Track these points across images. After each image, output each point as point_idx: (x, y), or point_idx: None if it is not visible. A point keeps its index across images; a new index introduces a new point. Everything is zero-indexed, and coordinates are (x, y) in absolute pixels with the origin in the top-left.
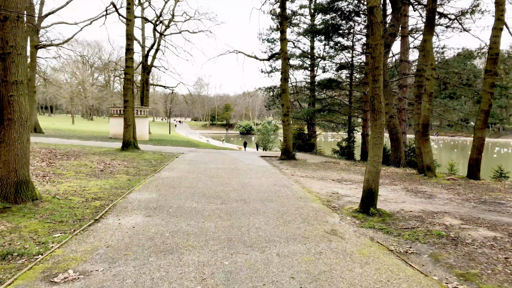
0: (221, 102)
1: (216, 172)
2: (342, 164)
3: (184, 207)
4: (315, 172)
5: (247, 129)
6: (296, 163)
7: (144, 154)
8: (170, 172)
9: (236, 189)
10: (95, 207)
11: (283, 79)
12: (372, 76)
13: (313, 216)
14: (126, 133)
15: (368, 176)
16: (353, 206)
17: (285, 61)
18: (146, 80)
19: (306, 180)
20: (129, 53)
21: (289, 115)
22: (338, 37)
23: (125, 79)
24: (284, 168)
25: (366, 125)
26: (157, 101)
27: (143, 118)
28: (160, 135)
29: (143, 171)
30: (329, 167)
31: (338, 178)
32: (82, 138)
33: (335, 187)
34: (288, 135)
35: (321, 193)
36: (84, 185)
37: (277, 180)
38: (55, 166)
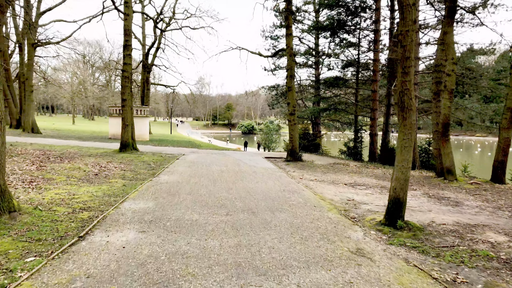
0: (222, 101)
1: (219, 176)
2: (352, 166)
3: (184, 219)
4: (325, 175)
5: (249, 128)
6: (303, 165)
7: (143, 156)
8: (169, 176)
9: (241, 196)
10: (82, 219)
11: (289, 76)
12: (402, 68)
13: (332, 230)
14: (124, 134)
15: (395, 184)
16: (375, 216)
17: (291, 57)
18: (146, 79)
19: (317, 185)
20: (127, 50)
21: (296, 114)
22: (344, 33)
23: (122, 77)
24: (291, 171)
25: (374, 124)
26: (158, 100)
27: (143, 117)
28: (161, 135)
29: (140, 175)
30: (339, 169)
31: (351, 182)
32: (80, 139)
33: (349, 192)
34: (294, 135)
35: (335, 200)
36: (74, 192)
37: (286, 185)
38: (46, 170)
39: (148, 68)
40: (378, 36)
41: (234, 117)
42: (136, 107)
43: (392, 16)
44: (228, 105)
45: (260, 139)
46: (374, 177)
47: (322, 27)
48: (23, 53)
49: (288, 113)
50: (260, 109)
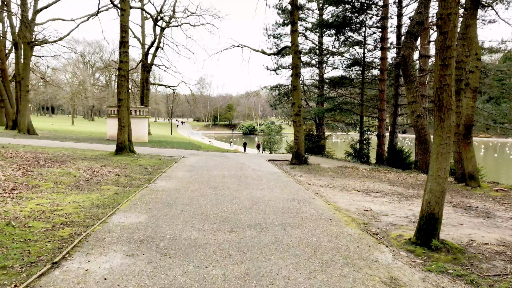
0: (223, 102)
1: (221, 182)
2: (362, 169)
3: (181, 238)
4: (334, 180)
5: (250, 129)
6: (310, 169)
7: (140, 159)
8: (167, 182)
9: (247, 207)
10: (61, 238)
11: (294, 75)
12: (441, 59)
13: (355, 251)
14: (120, 135)
15: (429, 197)
16: (401, 232)
17: (296, 54)
18: (146, 79)
19: (327, 192)
20: (123, 47)
21: (301, 114)
22: (349, 31)
23: (119, 75)
24: (297, 175)
25: (382, 125)
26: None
27: (142, 118)
28: (161, 136)
29: (135, 181)
30: (349, 173)
31: (364, 188)
32: (77, 140)
33: (364, 200)
34: (300, 137)
35: (351, 211)
36: (59, 201)
37: (294, 193)
38: (32, 176)
39: (148, 68)
40: (385, 34)
41: (235, 117)
42: (135, 108)
43: (400, 13)
44: (229, 105)
45: (262, 140)
46: (388, 183)
47: (327, 24)
48: (19, 52)
49: (293, 113)
50: (261, 110)
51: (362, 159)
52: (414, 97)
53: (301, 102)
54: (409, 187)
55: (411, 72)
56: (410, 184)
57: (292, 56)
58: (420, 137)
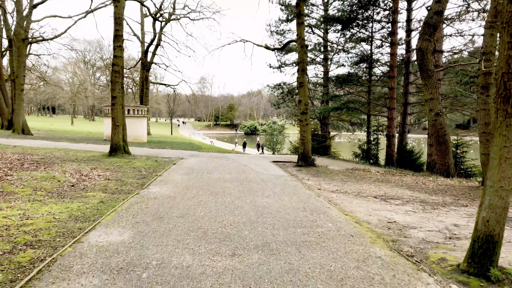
0: (225, 102)
1: (222, 187)
2: (374, 172)
3: (170, 266)
4: (346, 185)
5: (252, 129)
6: (318, 171)
7: (135, 161)
8: (161, 187)
9: (252, 219)
10: (19, 266)
11: (301, 70)
12: (510, 36)
13: (392, 283)
14: (114, 135)
15: (488, 215)
16: (441, 253)
17: (303, 49)
18: (145, 78)
19: (341, 198)
20: (117, 40)
21: (308, 113)
22: (355, 26)
23: (112, 71)
24: (305, 178)
25: (392, 125)
26: (159, 101)
27: (140, 118)
28: (160, 136)
29: (126, 186)
30: (361, 176)
31: (380, 194)
32: (72, 140)
33: (385, 209)
34: (306, 137)
35: (373, 223)
36: (31, 213)
37: (305, 200)
38: (9, 181)
39: (147, 66)
40: (395, 28)
41: (236, 117)
42: (133, 107)
43: (410, 7)
44: (230, 105)
45: (264, 140)
46: (406, 187)
47: (334, 18)
48: (13, 49)
49: (299, 112)
50: (263, 110)
51: (371, 160)
52: (432, 94)
53: (308, 100)
54: (431, 192)
55: (429, 66)
56: (432, 189)
57: (298, 51)
58: (439, 137)
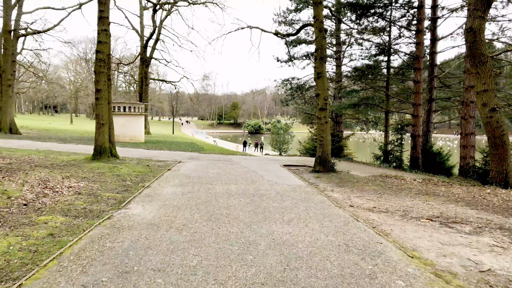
0: (228, 100)
1: (226, 207)
2: (409, 180)
3: None
4: (382, 198)
5: (256, 128)
6: (341, 179)
7: (122, 166)
8: (145, 206)
9: (275, 276)
10: None
11: (319, 58)
12: None
13: None
14: (98, 136)
15: None
16: None
17: (321, 33)
18: (145, 74)
19: (386, 221)
20: (102, 23)
21: (328, 109)
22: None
23: (96, 59)
24: (328, 189)
25: (418, 123)
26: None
27: (137, 116)
28: (161, 135)
29: (99, 205)
30: (396, 186)
31: (434, 213)
32: (62, 141)
33: (457, 243)
34: (325, 137)
35: (459, 274)
36: None
37: (341, 227)
38: None
39: (147, 62)
40: (422, 13)
41: (240, 116)
42: (129, 104)
43: None
44: (234, 104)
45: (270, 140)
46: (465, 204)
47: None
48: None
49: (318, 108)
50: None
51: (395, 163)
52: (486, 85)
53: (328, 93)
54: (503, 212)
55: (482, 50)
56: (500, 207)
57: (316, 36)
58: (495, 138)
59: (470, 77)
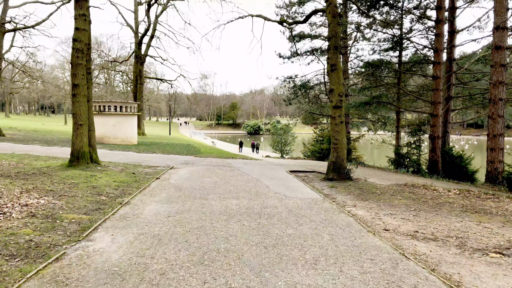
0: (227, 101)
1: (225, 236)
2: (442, 190)
3: None
4: (420, 218)
5: (255, 129)
6: (361, 189)
7: (102, 175)
8: (115, 237)
9: None
10: None
11: (333, 48)
12: None
13: None
14: (76, 139)
15: None
16: None
17: (335, 19)
18: (139, 72)
19: (443, 257)
20: (78, 7)
21: (343, 106)
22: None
23: (73, 49)
24: (349, 204)
25: (437, 123)
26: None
27: (129, 116)
28: (157, 136)
29: (52, 235)
30: (434, 201)
31: (502, 243)
32: (46, 143)
33: None
34: (340, 139)
35: None
36: None
37: (398, 280)
38: None
39: (142, 59)
40: (442, 1)
41: (239, 116)
42: (121, 103)
43: None
44: (232, 104)
45: (271, 141)
46: None
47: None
48: None
49: (331, 105)
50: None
51: (412, 168)
52: None
53: (343, 88)
54: None
55: None
56: None
57: (329, 22)
58: None
59: (499, 71)
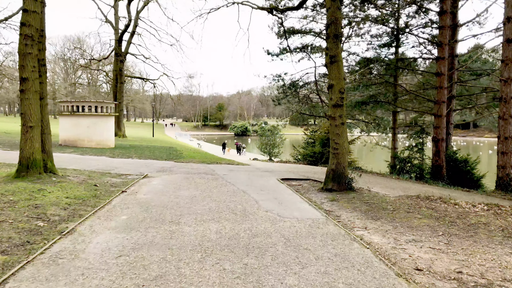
0: (214, 102)
1: None
2: (465, 205)
3: None
4: (454, 246)
5: (242, 130)
6: (368, 203)
7: (53, 188)
8: None
9: None
10: None
11: (332, 36)
12: None
13: None
14: (25, 144)
15: None
16: None
17: (335, 3)
18: (119, 71)
19: None
20: None
21: (344, 105)
22: None
23: (21, 35)
24: (358, 226)
25: (441, 124)
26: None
27: (106, 117)
28: (138, 138)
29: None
30: (462, 220)
31: None
32: (10, 147)
33: None
34: (341, 144)
35: None
36: None
37: None
38: None
39: (122, 57)
40: None
41: (226, 117)
42: (96, 103)
43: None
44: (219, 105)
45: (259, 143)
46: None
47: None
48: None
49: (331, 104)
50: (254, 110)
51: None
52: None
53: (344, 84)
54: None
55: None
56: None
57: (327, 6)
58: None
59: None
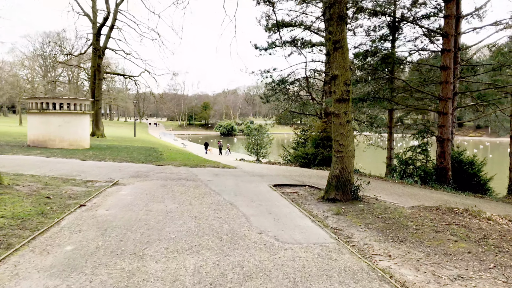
0: (199, 100)
1: None
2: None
3: None
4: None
5: (228, 129)
6: (382, 219)
7: None
8: None
9: None
10: None
11: (337, 18)
12: None
13: None
14: None
15: None
16: None
17: None
18: (98, 67)
19: None
20: None
21: (350, 99)
22: None
23: None
24: (379, 253)
25: (446, 123)
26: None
27: (80, 115)
28: (118, 138)
29: None
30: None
31: None
32: None
33: None
34: (347, 145)
35: None
36: None
37: None
38: None
39: (100, 52)
40: None
41: (211, 117)
42: (69, 100)
43: None
44: (204, 104)
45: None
46: None
47: None
48: None
49: (334, 98)
50: (240, 108)
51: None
52: None
53: (350, 74)
54: None
55: None
56: None
57: None
58: None
59: None
